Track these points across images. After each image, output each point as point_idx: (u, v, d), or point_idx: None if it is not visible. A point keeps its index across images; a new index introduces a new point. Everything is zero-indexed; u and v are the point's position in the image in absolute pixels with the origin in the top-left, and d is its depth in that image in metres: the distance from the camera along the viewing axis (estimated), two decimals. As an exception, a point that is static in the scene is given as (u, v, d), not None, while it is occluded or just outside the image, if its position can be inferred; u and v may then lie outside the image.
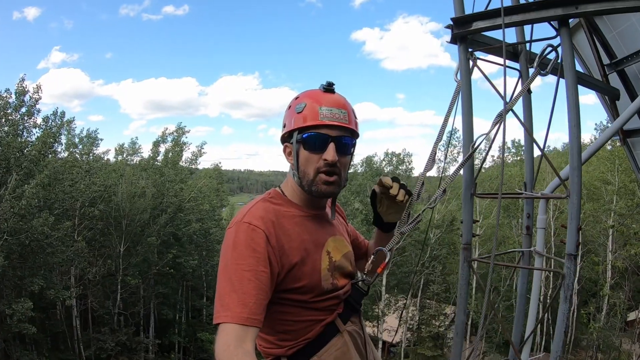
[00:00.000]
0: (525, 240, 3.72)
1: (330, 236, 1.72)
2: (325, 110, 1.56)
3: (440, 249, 29.24)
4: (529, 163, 3.61)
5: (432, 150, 2.01)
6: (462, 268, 3.20)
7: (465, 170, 3.07)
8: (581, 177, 2.63)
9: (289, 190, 1.70)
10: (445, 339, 27.52)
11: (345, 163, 1.63)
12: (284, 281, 1.54)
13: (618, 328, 22.20)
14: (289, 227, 1.57)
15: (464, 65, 2.90)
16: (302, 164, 1.59)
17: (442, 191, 1.88)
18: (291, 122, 1.61)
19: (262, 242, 1.46)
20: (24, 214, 17.39)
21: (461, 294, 3.15)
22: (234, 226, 1.52)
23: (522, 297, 3.74)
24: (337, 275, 1.69)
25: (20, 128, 19.08)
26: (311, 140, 1.57)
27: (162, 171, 28.98)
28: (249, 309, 1.36)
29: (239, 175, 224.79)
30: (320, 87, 1.65)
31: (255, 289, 1.39)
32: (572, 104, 2.61)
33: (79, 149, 26.15)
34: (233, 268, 1.42)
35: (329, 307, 1.66)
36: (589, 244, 25.80)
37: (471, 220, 3.12)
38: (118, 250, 24.21)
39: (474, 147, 2.29)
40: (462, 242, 3.18)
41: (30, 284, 17.78)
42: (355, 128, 1.65)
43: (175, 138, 31.53)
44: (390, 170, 36.01)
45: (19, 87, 19.17)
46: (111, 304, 23.98)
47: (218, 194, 37.99)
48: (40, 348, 20.49)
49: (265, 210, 1.57)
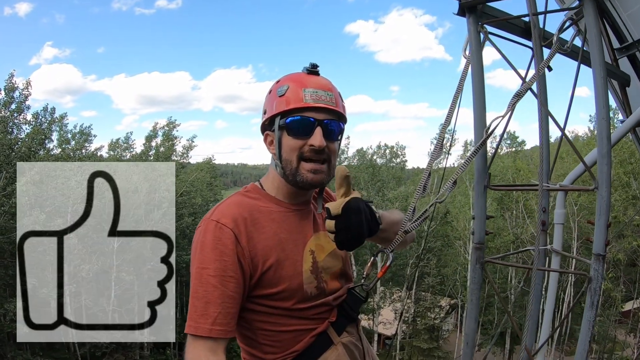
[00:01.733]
0: (540, 237, 3.39)
1: (315, 233, 1.54)
2: (310, 92, 1.41)
3: (435, 241, 29.19)
4: (545, 150, 3.19)
5: (439, 137, 1.86)
6: (473, 270, 2.88)
7: (477, 160, 2.72)
8: (611, 166, 2.37)
9: (269, 183, 1.55)
10: (441, 332, 27.58)
11: (334, 150, 1.47)
12: (258, 285, 1.40)
13: (613, 319, 22.31)
14: (264, 223, 1.42)
15: (474, 39, 2.59)
16: (285, 152, 1.43)
17: (453, 183, 1.69)
18: (272, 106, 1.46)
19: (230, 242, 1.33)
20: (15, 212, 17.02)
21: (472, 299, 2.87)
22: (202, 224, 1.39)
23: (536, 300, 3.44)
24: (325, 277, 1.51)
25: (10, 125, 18.70)
26: (295, 124, 1.41)
27: (154, 166, 28.65)
28: (213, 320, 1.27)
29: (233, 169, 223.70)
30: (303, 70, 1.50)
31: (221, 297, 1.29)
32: (599, 81, 2.34)
33: (71, 145, 25.73)
34: (199, 273, 1.32)
35: (318, 315, 1.49)
36: (585, 235, 25.87)
37: (484, 216, 2.82)
38: (112, 246, 23.88)
39: (488, 132, 2.02)
40: (474, 241, 2.86)
41: (22, 283, 17.46)
42: (343, 112, 1.50)
43: (166, 132, 31.22)
44: (383, 163, 35.90)
45: (8, 83, 18.78)
46: (105, 301, 23.68)
47: (211, 188, 37.69)
48: (34, 347, 20.22)
49: (238, 205, 1.44)
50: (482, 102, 2.60)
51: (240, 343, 1.52)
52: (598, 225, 2.42)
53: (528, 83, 2.01)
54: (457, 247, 29.70)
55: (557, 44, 2.13)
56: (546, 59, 2.12)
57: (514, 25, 2.89)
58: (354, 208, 1.36)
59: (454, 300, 29.79)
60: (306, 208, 1.57)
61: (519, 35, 2.99)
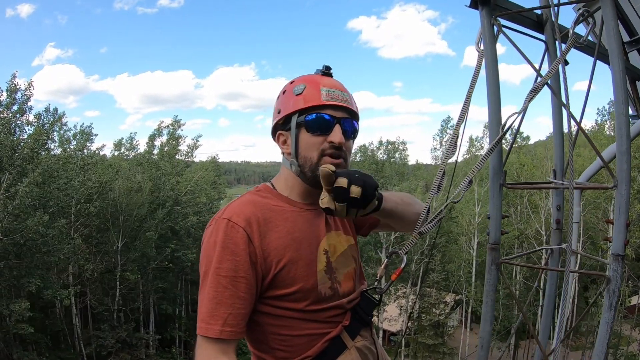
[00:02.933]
0: (555, 236, 3.30)
1: (328, 232, 1.51)
2: (328, 91, 1.43)
3: (440, 237, 29.12)
4: (559, 147, 3.10)
5: (453, 133, 1.76)
6: (489, 272, 2.74)
7: (492, 157, 2.61)
8: (630, 164, 2.29)
9: (282, 183, 1.53)
10: (446, 327, 27.54)
11: (350, 148, 1.48)
12: (272, 286, 1.37)
13: (619, 315, 22.21)
14: (277, 222, 1.40)
15: (488, 31, 2.47)
16: (304, 149, 1.43)
17: (468, 182, 1.61)
18: (289, 105, 1.45)
19: (242, 242, 1.31)
20: (18, 213, 17.10)
21: (487, 301, 2.74)
22: (214, 223, 1.36)
23: (550, 300, 3.39)
24: (339, 278, 1.48)
25: (13, 126, 18.70)
26: (315, 122, 1.41)
27: (158, 165, 28.74)
28: (223, 321, 1.26)
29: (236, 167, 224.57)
30: (317, 72, 1.52)
31: (231, 298, 1.27)
32: (617, 75, 2.25)
33: (72, 145, 25.75)
34: (209, 273, 1.29)
35: (332, 319, 1.45)
36: (589, 232, 25.79)
37: (500, 215, 2.70)
38: (116, 246, 23.95)
39: (504, 128, 1.93)
40: (489, 242, 2.74)
41: (27, 284, 17.54)
42: (357, 111, 1.52)
43: (171, 131, 31.31)
44: (385, 159, 35.83)
45: (10, 84, 18.77)
46: (110, 301, 23.75)
47: (215, 187, 37.77)
48: (40, 348, 20.31)
49: (250, 204, 1.41)
50: (497, 98, 2.48)
51: (251, 347, 1.48)
52: (617, 225, 2.32)
53: (545, 77, 1.89)
54: (461, 243, 29.64)
55: (574, 37, 2.02)
56: (563, 53, 2.01)
57: (526, 18, 2.80)
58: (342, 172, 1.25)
59: (458, 296, 29.75)
60: (319, 208, 1.49)
61: (531, 28, 2.89)
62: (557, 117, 2.99)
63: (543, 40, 2.97)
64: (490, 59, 2.47)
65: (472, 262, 27.98)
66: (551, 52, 2.88)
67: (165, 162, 29.24)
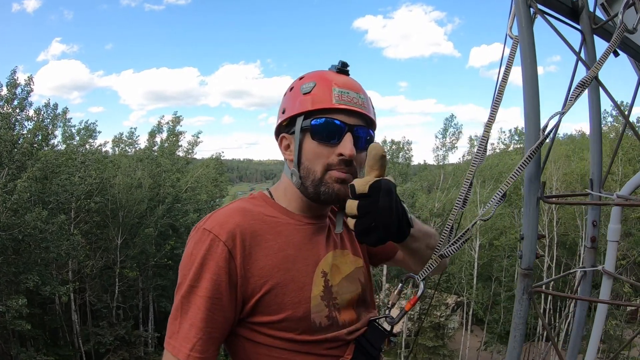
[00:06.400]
0: (588, 255, 2.84)
1: (330, 250, 1.29)
2: (340, 92, 1.21)
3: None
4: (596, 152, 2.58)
5: (482, 137, 1.43)
6: (519, 302, 2.17)
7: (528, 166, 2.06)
8: None
9: (280, 193, 1.32)
10: (447, 329, 27.38)
11: (361, 161, 1.24)
12: (255, 311, 1.17)
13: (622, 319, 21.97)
14: (267, 237, 1.19)
15: (524, 14, 2.09)
16: (307, 159, 1.22)
17: (502, 196, 1.33)
18: (295, 105, 1.24)
19: (221, 259, 1.11)
20: (17, 208, 17.01)
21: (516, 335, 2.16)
22: (195, 232, 1.17)
23: (579, 328, 2.88)
24: (339, 305, 1.25)
25: (13, 121, 18.64)
26: (322, 128, 1.19)
27: (158, 161, 28.63)
28: (192, 345, 1.08)
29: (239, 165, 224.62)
30: (331, 68, 1.30)
31: (203, 321, 1.10)
32: None
33: (76, 141, 25.69)
34: (184, 290, 1.12)
35: (328, 352, 1.22)
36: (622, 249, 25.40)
37: (536, 235, 2.17)
38: (115, 242, 23.87)
39: (544, 131, 1.57)
40: (521, 266, 2.20)
41: (25, 280, 17.47)
42: (374, 118, 1.29)
43: (171, 127, 31.20)
44: (388, 160, 35.54)
45: (10, 79, 18.73)
46: (109, 298, 23.68)
47: (217, 184, 37.63)
48: (38, 344, 20.25)
49: (239, 213, 1.20)
50: (535, 93, 2.09)
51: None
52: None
53: (594, 69, 1.59)
54: (462, 245, 29.39)
55: (623, 24, 1.73)
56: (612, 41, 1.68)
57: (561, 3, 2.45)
58: (385, 189, 1.02)
59: (460, 298, 29.56)
60: (321, 222, 1.33)
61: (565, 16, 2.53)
62: (595, 117, 2.58)
63: (579, 29, 2.58)
64: (527, 46, 2.11)
65: (473, 264, 27.75)
66: (588, 44, 2.50)
67: (165, 159, 29.12)
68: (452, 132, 33.31)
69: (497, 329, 26.36)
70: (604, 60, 1.54)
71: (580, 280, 2.73)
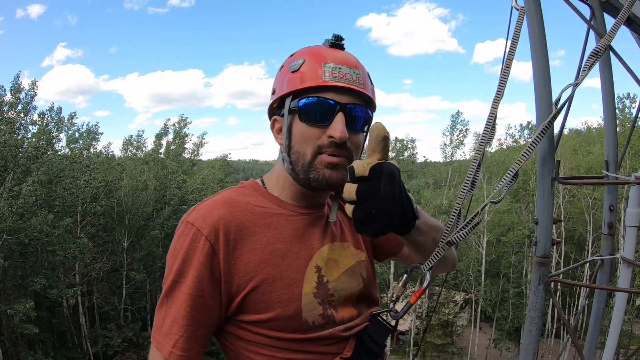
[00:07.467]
0: (606, 242, 2.71)
1: (326, 243, 1.19)
2: (332, 68, 1.08)
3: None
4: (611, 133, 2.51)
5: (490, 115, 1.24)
6: (534, 293, 2.05)
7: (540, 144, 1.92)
8: None
9: (272, 181, 1.22)
10: (455, 327, 27.23)
11: (358, 143, 1.13)
12: (241, 310, 1.09)
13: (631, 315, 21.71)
14: (255, 229, 1.10)
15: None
16: (296, 142, 1.12)
17: (513, 176, 1.17)
18: (283, 85, 1.13)
19: (202, 254, 1.03)
20: (23, 212, 17.09)
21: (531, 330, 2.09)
22: (179, 225, 1.10)
23: (597, 320, 2.79)
24: (336, 302, 1.15)
25: (17, 126, 18.72)
26: (310, 108, 1.09)
27: (164, 163, 28.71)
28: (174, 342, 1.04)
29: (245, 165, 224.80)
30: (324, 42, 1.17)
31: (185, 319, 1.04)
32: None
33: (79, 145, 25.80)
34: (169, 285, 1.07)
35: (325, 349, 1.12)
36: (598, 230, 25.27)
37: (551, 220, 2.04)
38: (122, 245, 23.95)
39: (557, 104, 1.40)
40: (536, 254, 2.07)
41: (32, 283, 17.54)
42: (372, 96, 1.16)
43: (177, 130, 31.30)
44: (393, 157, 35.35)
45: (14, 84, 18.83)
46: (117, 300, 23.78)
47: (222, 185, 37.67)
48: (46, 347, 20.34)
49: (225, 204, 1.10)
50: (545, 65, 1.95)
51: None
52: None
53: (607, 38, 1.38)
54: (470, 241, 29.20)
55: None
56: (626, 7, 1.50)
57: None
58: (387, 172, 0.92)
59: (468, 295, 29.37)
60: (317, 212, 1.22)
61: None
62: (609, 97, 2.47)
63: (588, 3, 2.50)
64: (534, 16, 1.98)
65: (481, 260, 27.53)
66: (597, 18, 2.39)
67: (172, 161, 29.22)
68: (460, 130, 33.10)
69: (505, 325, 26.14)
70: (617, 27, 1.38)
71: (598, 270, 2.57)
